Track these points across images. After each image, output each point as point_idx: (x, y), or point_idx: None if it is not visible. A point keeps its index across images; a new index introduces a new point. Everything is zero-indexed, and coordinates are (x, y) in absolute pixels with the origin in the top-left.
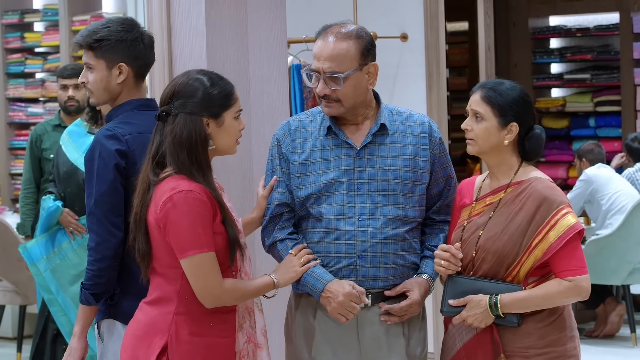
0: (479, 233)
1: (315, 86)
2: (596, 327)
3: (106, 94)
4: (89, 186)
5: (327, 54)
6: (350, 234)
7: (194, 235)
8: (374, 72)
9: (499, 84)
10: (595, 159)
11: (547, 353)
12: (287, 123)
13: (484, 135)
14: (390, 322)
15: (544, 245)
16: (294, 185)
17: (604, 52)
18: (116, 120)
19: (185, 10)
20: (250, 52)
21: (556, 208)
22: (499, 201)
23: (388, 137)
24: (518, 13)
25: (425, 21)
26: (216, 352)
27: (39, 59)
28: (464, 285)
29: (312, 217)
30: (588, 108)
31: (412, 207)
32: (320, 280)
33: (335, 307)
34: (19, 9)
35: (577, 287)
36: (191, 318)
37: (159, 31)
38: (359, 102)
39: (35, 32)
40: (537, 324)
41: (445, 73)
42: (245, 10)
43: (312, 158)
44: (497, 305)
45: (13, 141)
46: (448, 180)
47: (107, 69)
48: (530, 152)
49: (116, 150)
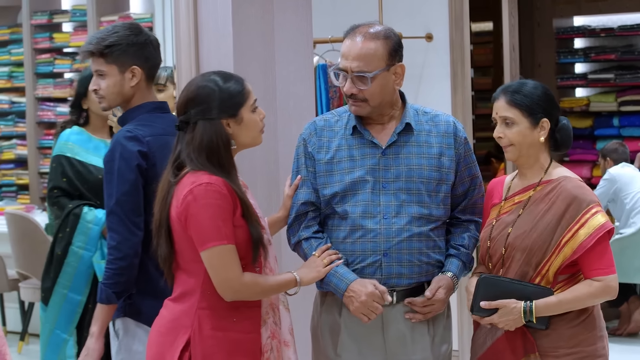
0: (508, 231)
1: (343, 85)
2: (620, 326)
3: (119, 98)
4: (109, 187)
5: (355, 54)
6: (376, 232)
7: (214, 228)
8: (401, 72)
9: (521, 85)
10: (619, 158)
11: (576, 353)
12: (313, 122)
13: (518, 139)
14: (415, 320)
15: (573, 243)
16: (319, 183)
17: (628, 52)
18: (134, 122)
19: (212, 11)
20: (276, 52)
21: (586, 207)
22: (528, 199)
23: (413, 137)
24: (542, 13)
25: (450, 21)
26: (239, 347)
27: (67, 59)
28: (496, 287)
29: (338, 215)
30: (612, 108)
31: (436, 206)
32: (344, 280)
33: (358, 306)
34: (48, 10)
35: (607, 287)
36: (214, 313)
37: (186, 32)
38: (386, 101)
39: (64, 33)
40: (567, 324)
41: (470, 73)
42: (271, 11)
43: (338, 157)
44: (532, 311)
45: (42, 140)
46: (473, 179)
47: (119, 73)
48: (562, 143)
49: (138, 151)
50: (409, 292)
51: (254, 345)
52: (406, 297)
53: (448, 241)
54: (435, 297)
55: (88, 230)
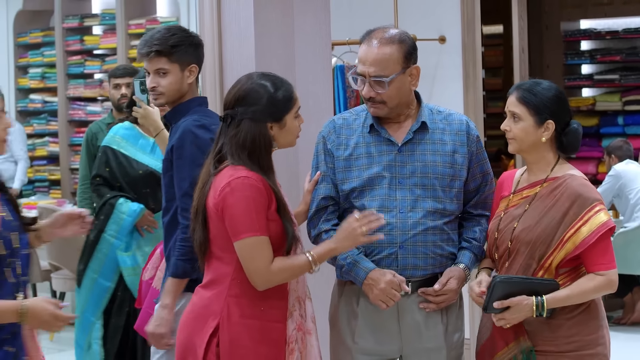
0: (515, 224)
1: (361, 89)
2: (624, 315)
3: (177, 95)
4: (180, 171)
5: (372, 59)
6: (392, 225)
7: (248, 219)
8: (416, 74)
9: (535, 84)
10: (624, 155)
11: (576, 342)
12: (332, 121)
13: (522, 134)
14: (428, 309)
15: (576, 239)
16: (338, 179)
17: (632, 54)
18: (195, 114)
19: (235, 14)
20: (296, 53)
21: (589, 205)
22: (535, 195)
23: (428, 135)
24: (551, 17)
25: (462, 24)
26: (265, 335)
27: (97, 61)
28: (509, 288)
29: (356, 209)
30: (617, 107)
31: (450, 201)
32: (363, 269)
33: (377, 294)
34: (79, 14)
35: (608, 281)
36: (243, 301)
37: (210, 34)
38: (403, 102)
39: (94, 35)
40: (567, 314)
41: (481, 74)
42: (291, 14)
43: (356, 154)
44: (544, 306)
45: (73, 138)
46: (485, 176)
47: (180, 71)
48: (568, 146)
49: (210, 139)
50: (424, 282)
51: (280, 334)
52: (420, 288)
53: (460, 234)
54: (446, 287)
55: (121, 220)
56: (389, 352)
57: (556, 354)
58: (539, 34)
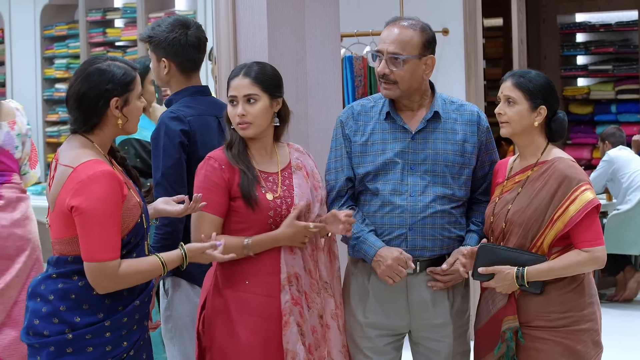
0: (508, 207)
1: (377, 66)
2: (616, 293)
3: (160, 82)
4: (155, 161)
5: (392, 38)
6: (403, 208)
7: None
8: (431, 64)
9: (527, 72)
10: (617, 142)
11: (567, 317)
12: (351, 107)
13: (516, 118)
14: (436, 287)
15: (564, 217)
16: (354, 163)
17: (624, 46)
18: (177, 104)
19: (249, 8)
20: (307, 45)
21: (576, 185)
22: (526, 179)
23: (440, 124)
24: (548, 10)
25: (464, 17)
26: (252, 307)
27: (119, 52)
28: (493, 255)
29: (370, 192)
30: (610, 96)
31: (459, 187)
32: (373, 246)
33: (384, 269)
34: (101, 8)
35: (594, 258)
36: (229, 275)
37: (226, 26)
38: (414, 88)
39: (116, 28)
40: (559, 291)
41: (482, 64)
42: (302, 8)
43: (372, 140)
44: (523, 276)
45: None
46: (492, 164)
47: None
48: (556, 133)
49: (180, 130)
50: (432, 262)
51: (270, 307)
52: (428, 267)
53: (469, 218)
54: (453, 267)
55: None
56: (398, 327)
57: (549, 329)
58: (536, 26)
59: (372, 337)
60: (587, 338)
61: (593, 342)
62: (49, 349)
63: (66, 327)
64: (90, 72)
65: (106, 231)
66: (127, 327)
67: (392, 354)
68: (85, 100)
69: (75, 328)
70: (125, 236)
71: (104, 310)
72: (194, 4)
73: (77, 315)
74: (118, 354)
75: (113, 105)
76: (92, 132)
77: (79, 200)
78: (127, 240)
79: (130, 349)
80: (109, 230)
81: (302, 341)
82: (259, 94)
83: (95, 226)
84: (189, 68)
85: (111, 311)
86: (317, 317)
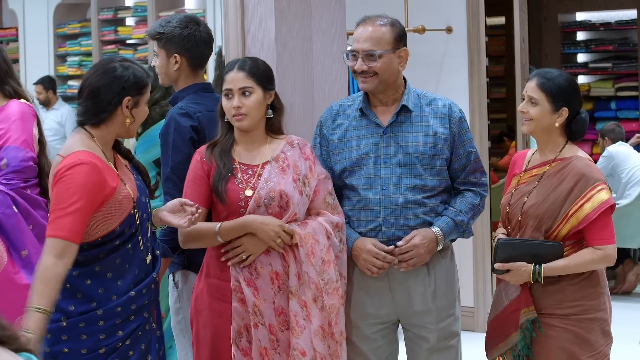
0: (524, 200)
1: (353, 65)
2: (615, 285)
3: (167, 79)
4: (165, 156)
5: (365, 36)
6: (376, 200)
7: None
8: (405, 57)
9: (553, 73)
10: (616, 138)
11: (578, 306)
12: (330, 107)
13: (538, 117)
14: (402, 269)
15: (579, 214)
16: (332, 160)
17: (624, 44)
18: (185, 100)
19: (257, 8)
20: (314, 43)
21: (592, 184)
22: (544, 173)
23: (411, 117)
24: (549, 9)
25: (468, 16)
26: (221, 293)
27: (130, 50)
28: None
29: (347, 187)
30: (610, 93)
31: (431, 178)
32: (349, 239)
33: (362, 263)
34: (113, 6)
35: (606, 255)
36: (212, 262)
37: (234, 24)
38: (391, 81)
39: (127, 26)
40: (570, 280)
41: (485, 62)
42: (309, 7)
43: (347, 136)
44: (540, 273)
45: None
46: (468, 155)
47: (166, 57)
48: (576, 133)
49: (190, 126)
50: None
51: (228, 291)
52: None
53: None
54: (410, 243)
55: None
56: (386, 317)
57: (561, 316)
58: (538, 25)
59: (360, 326)
60: (597, 327)
61: (603, 331)
62: (45, 336)
63: (61, 315)
64: (112, 68)
65: (73, 216)
66: (121, 317)
67: (380, 342)
68: (101, 92)
69: (69, 316)
70: (118, 227)
71: (97, 299)
72: (203, 2)
73: (71, 303)
74: (112, 342)
75: (125, 103)
76: (98, 126)
77: (56, 186)
78: (121, 230)
79: (126, 339)
80: (76, 216)
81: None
82: (254, 87)
83: (66, 209)
84: (198, 64)
85: (104, 300)
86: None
